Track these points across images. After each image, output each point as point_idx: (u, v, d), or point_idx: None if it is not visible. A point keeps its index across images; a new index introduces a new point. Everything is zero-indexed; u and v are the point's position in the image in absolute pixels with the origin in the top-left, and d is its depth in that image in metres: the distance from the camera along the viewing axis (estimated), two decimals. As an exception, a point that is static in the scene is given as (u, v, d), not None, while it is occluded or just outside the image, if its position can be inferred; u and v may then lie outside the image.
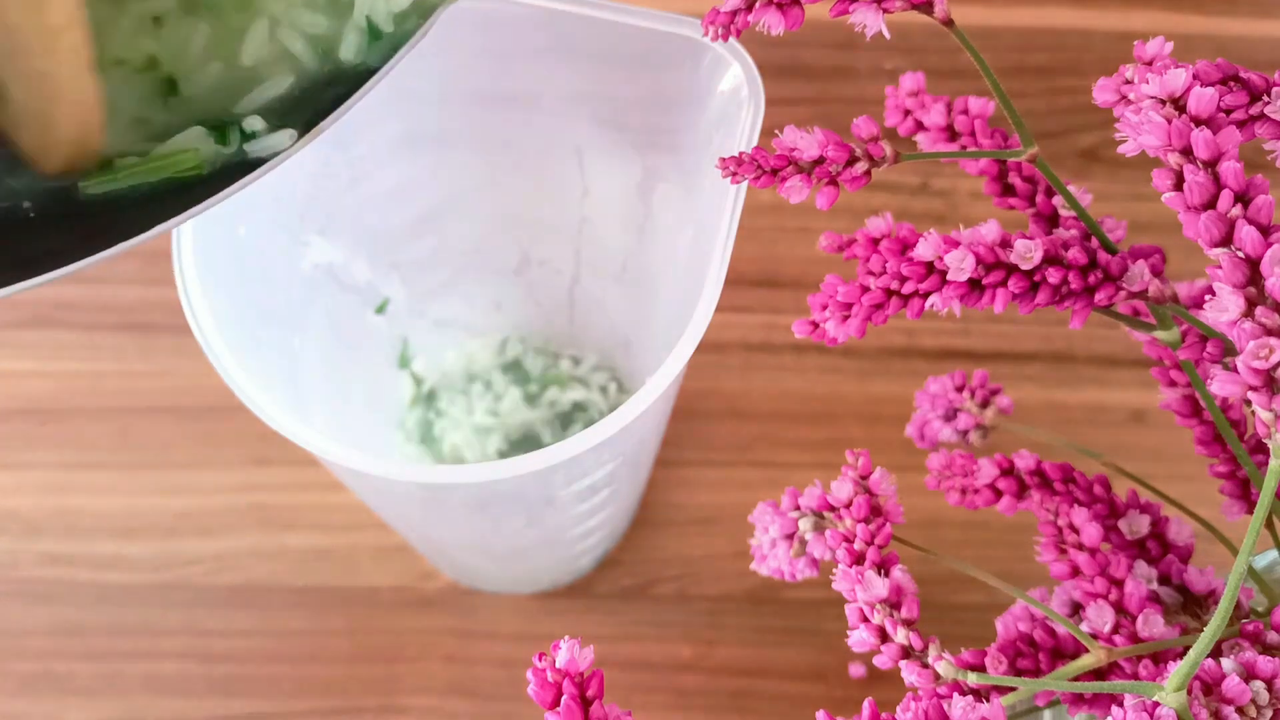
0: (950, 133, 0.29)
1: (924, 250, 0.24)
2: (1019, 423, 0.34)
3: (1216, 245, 0.21)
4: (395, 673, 0.45)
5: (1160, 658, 0.25)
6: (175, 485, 0.48)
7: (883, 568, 0.26)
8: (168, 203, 0.24)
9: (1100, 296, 0.25)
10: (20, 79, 0.23)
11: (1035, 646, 0.27)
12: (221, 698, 0.45)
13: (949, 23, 0.25)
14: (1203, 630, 0.22)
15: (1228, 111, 0.23)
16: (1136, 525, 0.28)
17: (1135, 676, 0.25)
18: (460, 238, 0.44)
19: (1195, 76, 0.22)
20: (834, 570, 0.26)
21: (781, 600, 0.46)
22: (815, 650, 0.45)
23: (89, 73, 0.23)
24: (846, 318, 0.25)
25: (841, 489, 0.27)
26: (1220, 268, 0.21)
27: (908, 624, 0.24)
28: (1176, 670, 0.21)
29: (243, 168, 0.24)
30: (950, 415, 0.34)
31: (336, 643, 0.46)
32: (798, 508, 0.28)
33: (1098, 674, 0.25)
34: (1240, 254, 0.21)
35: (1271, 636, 0.25)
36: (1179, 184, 0.21)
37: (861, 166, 0.25)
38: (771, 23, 0.25)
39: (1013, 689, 0.24)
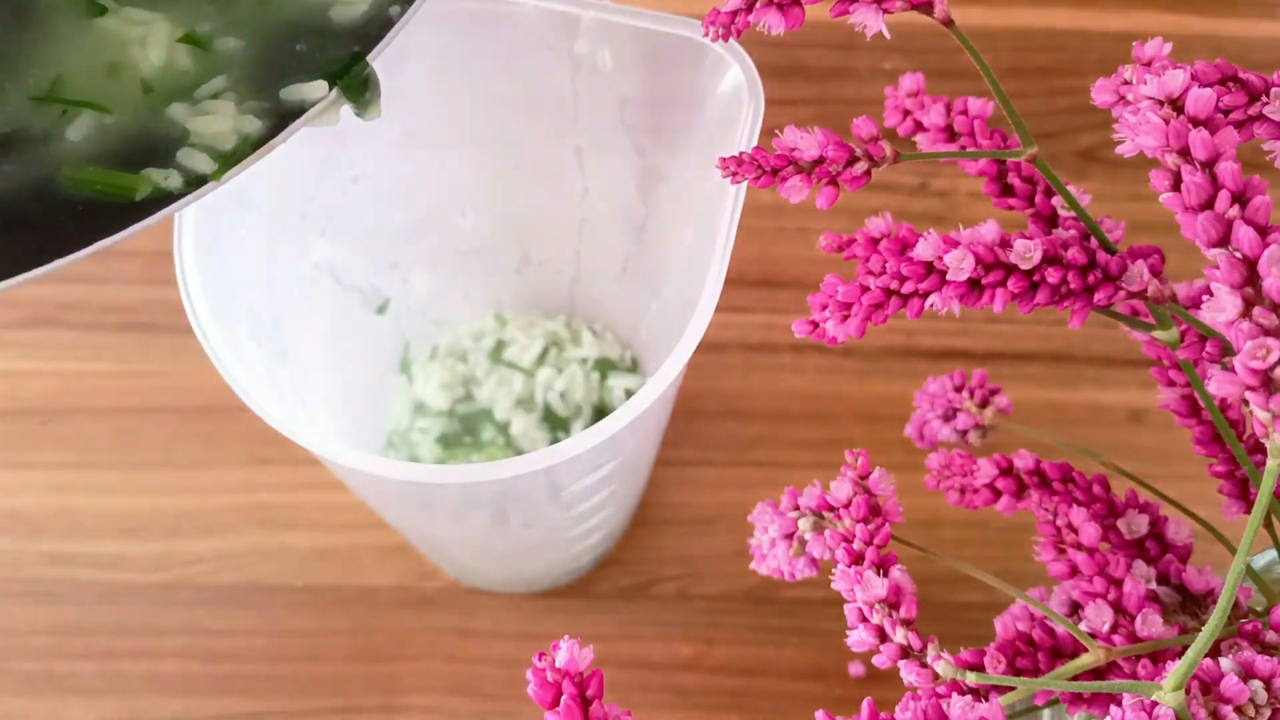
0: (950, 133, 0.29)
1: (923, 250, 0.24)
2: (1018, 422, 0.34)
3: (1214, 245, 0.21)
4: (396, 672, 0.45)
5: (1159, 657, 0.25)
6: (176, 485, 0.48)
7: (881, 567, 0.26)
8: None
9: (1099, 296, 0.25)
10: None
11: (1034, 646, 0.27)
12: (222, 697, 0.45)
13: (949, 23, 0.25)
14: (1201, 630, 0.22)
15: (1226, 112, 0.23)
16: (1135, 525, 0.28)
17: (1134, 676, 0.25)
18: (460, 238, 0.45)
19: (1193, 77, 0.22)
20: (833, 570, 0.26)
21: (781, 600, 0.46)
22: (815, 650, 0.45)
23: None
24: (846, 318, 0.25)
25: (841, 489, 0.27)
26: (1218, 268, 0.21)
27: (906, 623, 0.24)
28: (1175, 669, 0.22)
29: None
30: (949, 415, 0.34)
31: (337, 642, 0.46)
32: (797, 507, 0.28)
33: (1096, 673, 0.25)
34: (1238, 254, 0.21)
35: (1270, 636, 0.25)
36: (1177, 184, 0.21)
37: (861, 166, 0.25)
38: (771, 23, 0.25)
39: (1011, 688, 0.24)
